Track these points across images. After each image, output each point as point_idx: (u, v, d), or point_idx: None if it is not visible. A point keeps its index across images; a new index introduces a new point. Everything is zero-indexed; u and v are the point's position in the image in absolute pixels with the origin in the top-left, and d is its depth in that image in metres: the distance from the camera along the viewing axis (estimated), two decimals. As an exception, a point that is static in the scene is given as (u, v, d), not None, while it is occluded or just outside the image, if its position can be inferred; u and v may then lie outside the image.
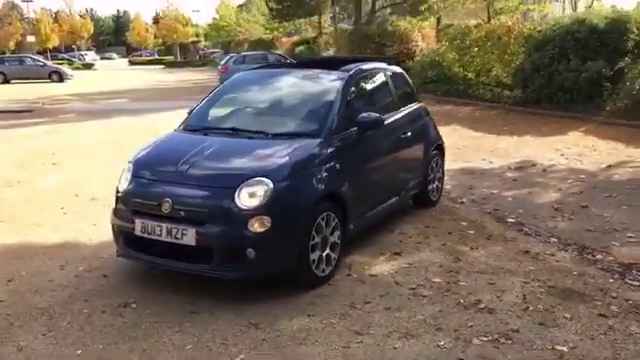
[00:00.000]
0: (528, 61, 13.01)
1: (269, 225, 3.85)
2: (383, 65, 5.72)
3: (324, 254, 4.23)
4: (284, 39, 39.08)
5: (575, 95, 12.15)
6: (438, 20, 23.18)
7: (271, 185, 3.92)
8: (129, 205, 4.28)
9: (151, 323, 3.74)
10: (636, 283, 4.22)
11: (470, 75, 15.91)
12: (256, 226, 3.85)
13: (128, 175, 4.43)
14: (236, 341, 3.50)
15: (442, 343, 3.41)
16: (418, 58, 19.22)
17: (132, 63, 64.70)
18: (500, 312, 3.78)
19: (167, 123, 12.98)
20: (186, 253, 3.98)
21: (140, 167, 4.43)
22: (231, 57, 25.14)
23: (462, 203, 6.44)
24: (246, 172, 4.05)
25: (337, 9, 31.41)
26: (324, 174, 4.29)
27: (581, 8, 22.78)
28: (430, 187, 6.10)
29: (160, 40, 74.03)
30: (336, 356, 3.32)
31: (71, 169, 8.63)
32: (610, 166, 7.92)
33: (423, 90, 14.76)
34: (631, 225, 5.43)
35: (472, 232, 5.39)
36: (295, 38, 36.67)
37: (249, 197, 3.90)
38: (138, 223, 4.12)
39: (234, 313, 3.83)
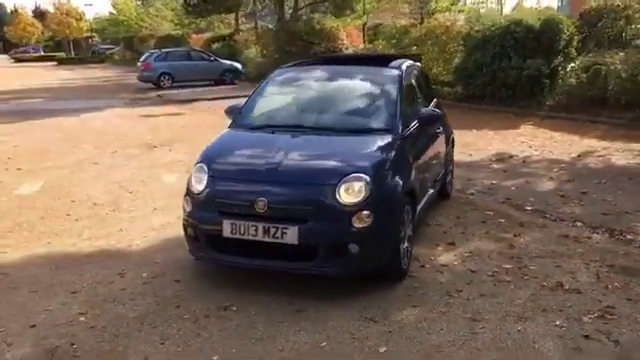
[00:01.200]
0: (471, 60, 13.70)
1: (370, 220, 3.90)
2: (413, 62, 5.88)
3: (405, 247, 4.33)
4: (195, 36, 38.09)
5: (518, 91, 12.98)
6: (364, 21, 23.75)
7: (369, 180, 3.98)
8: (212, 207, 4.13)
9: (264, 324, 3.67)
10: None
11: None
12: (358, 222, 3.89)
13: (203, 176, 4.27)
14: (365, 334, 3.53)
15: (558, 323, 3.64)
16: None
17: (18, 60, 60.05)
18: (586, 292, 4.07)
19: (110, 123, 12.51)
20: (284, 252, 3.93)
21: (219, 167, 4.31)
22: (152, 54, 24.18)
23: (472, 194, 6.76)
24: (344, 168, 4.06)
25: (259, 6, 31.18)
26: (405, 168, 4.41)
27: (508, 8, 24.13)
28: (448, 179, 6.37)
29: (47, 35, 69.57)
30: (467, 340, 3.45)
31: (43, 173, 8.08)
32: (580, 156, 8.61)
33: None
34: (638, 207, 5.99)
35: (503, 220, 5.69)
36: (208, 35, 35.85)
37: (349, 193, 3.93)
38: (227, 224, 4.00)
39: (340, 309, 3.85)
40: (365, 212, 3.91)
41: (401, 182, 4.28)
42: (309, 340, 3.48)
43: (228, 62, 24.32)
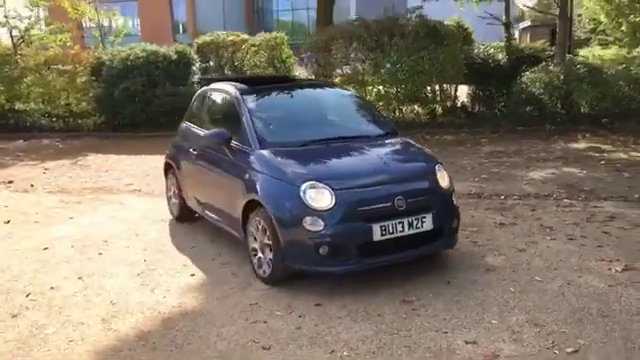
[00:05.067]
0: (118, 89, 13.69)
1: (455, 200, 4.99)
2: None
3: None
4: None
5: (177, 117, 13.83)
6: None
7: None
8: (355, 216, 4.32)
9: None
10: None
11: (22, 106, 14.94)
12: (454, 201, 4.92)
13: (322, 191, 4.35)
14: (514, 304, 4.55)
15: None
16: None
17: None
18: None
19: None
20: (420, 239, 4.57)
21: (335, 179, 4.44)
22: None
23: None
24: (430, 162, 4.95)
25: None
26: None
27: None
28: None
29: None
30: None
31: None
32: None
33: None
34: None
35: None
36: None
37: (444, 179, 4.89)
38: (377, 228, 4.34)
39: (439, 299, 4.76)
40: (453, 192, 4.95)
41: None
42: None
43: None
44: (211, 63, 15.59)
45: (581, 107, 12.06)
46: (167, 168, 6.80)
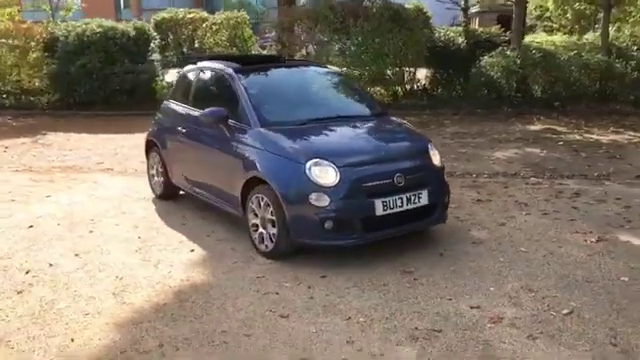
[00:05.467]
0: (76, 65, 13.30)
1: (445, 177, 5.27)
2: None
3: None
4: None
5: (136, 95, 13.61)
6: None
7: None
8: (359, 192, 4.52)
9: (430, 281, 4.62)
10: None
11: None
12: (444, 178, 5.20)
13: (327, 169, 4.51)
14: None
15: None
16: None
17: None
18: None
19: None
20: (416, 214, 4.81)
21: (340, 157, 4.60)
22: None
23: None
24: (423, 139, 5.20)
25: None
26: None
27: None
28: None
29: None
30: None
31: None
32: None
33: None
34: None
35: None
36: None
37: (436, 157, 5.14)
38: (379, 203, 4.55)
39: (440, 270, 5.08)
40: (444, 169, 5.22)
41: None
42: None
43: None
44: (170, 41, 15.34)
45: (535, 91, 12.65)
46: (149, 147, 6.78)
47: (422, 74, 14.21)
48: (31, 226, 5.79)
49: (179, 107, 6.27)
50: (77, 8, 21.88)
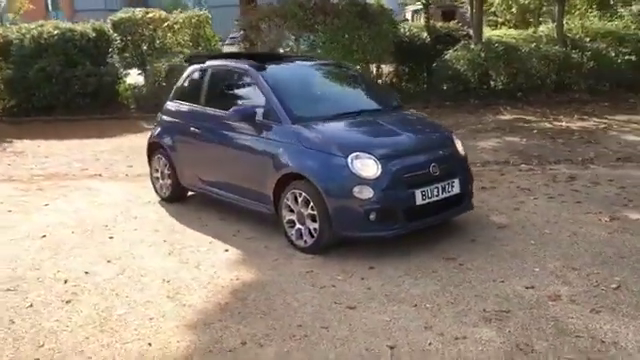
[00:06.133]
0: (34, 69, 12.78)
1: (468, 165, 5.48)
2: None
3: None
4: None
5: (100, 98, 13.20)
6: None
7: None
8: (401, 183, 4.63)
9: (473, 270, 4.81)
10: None
11: None
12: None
13: (367, 162, 4.60)
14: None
15: None
16: None
17: None
18: None
19: None
20: (449, 202, 4.98)
21: (379, 149, 4.71)
22: None
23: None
24: (446, 130, 5.38)
25: None
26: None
27: None
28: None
29: None
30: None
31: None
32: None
33: None
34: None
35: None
36: None
37: (460, 147, 5.33)
38: (418, 193, 4.69)
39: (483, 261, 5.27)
40: (467, 158, 5.41)
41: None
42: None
43: None
44: (128, 42, 14.92)
45: (497, 83, 13.13)
46: (153, 149, 6.64)
47: (386, 70, 14.47)
48: (44, 236, 5.58)
49: (189, 107, 6.18)
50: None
